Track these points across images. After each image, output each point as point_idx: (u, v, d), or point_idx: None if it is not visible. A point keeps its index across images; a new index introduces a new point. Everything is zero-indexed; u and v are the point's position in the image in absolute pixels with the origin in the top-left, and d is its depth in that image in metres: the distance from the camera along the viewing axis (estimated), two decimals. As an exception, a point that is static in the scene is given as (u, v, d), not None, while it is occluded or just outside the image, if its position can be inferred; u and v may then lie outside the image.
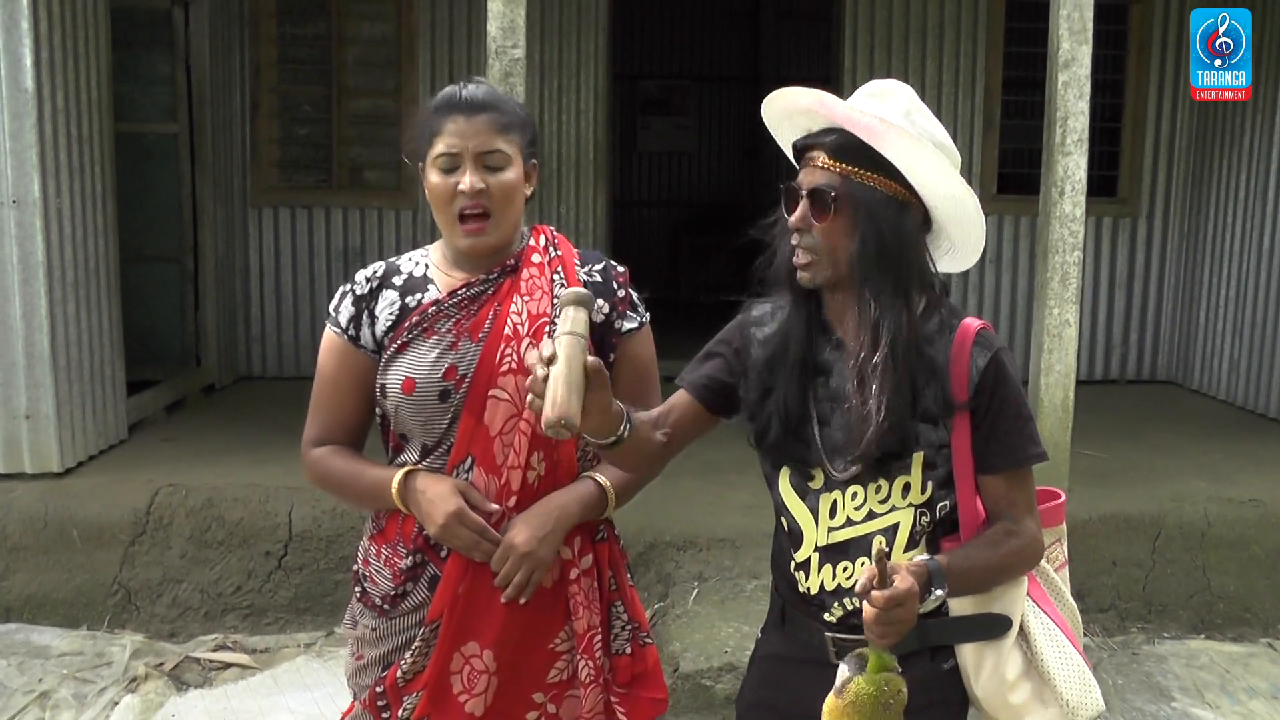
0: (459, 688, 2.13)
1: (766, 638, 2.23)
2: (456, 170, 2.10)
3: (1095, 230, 7.95)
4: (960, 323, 2.02)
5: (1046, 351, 5.09)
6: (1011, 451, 2.01)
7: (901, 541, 1.99)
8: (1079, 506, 5.09)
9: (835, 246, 1.95)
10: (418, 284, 2.19)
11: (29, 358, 5.20)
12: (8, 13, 5.02)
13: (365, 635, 2.22)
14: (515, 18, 4.66)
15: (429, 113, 2.15)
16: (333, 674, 4.40)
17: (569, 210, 7.97)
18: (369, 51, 7.89)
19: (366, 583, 2.22)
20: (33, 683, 4.30)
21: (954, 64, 7.85)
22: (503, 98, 2.19)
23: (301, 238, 7.89)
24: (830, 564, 2.03)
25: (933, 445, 1.99)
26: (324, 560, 4.92)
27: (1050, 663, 2.03)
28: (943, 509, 2.01)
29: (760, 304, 2.16)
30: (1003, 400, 1.99)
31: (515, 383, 2.09)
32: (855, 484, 2.01)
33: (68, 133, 5.39)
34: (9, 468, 5.22)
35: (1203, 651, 4.79)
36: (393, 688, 2.16)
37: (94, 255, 5.67)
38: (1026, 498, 2.04)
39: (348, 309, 2.19)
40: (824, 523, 2.03)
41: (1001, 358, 2.00)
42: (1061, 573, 2.19)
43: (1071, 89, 4.98)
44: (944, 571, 1.89)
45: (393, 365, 2.13)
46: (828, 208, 1.94)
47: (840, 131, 1.96)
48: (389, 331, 2.16)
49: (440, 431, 2.13)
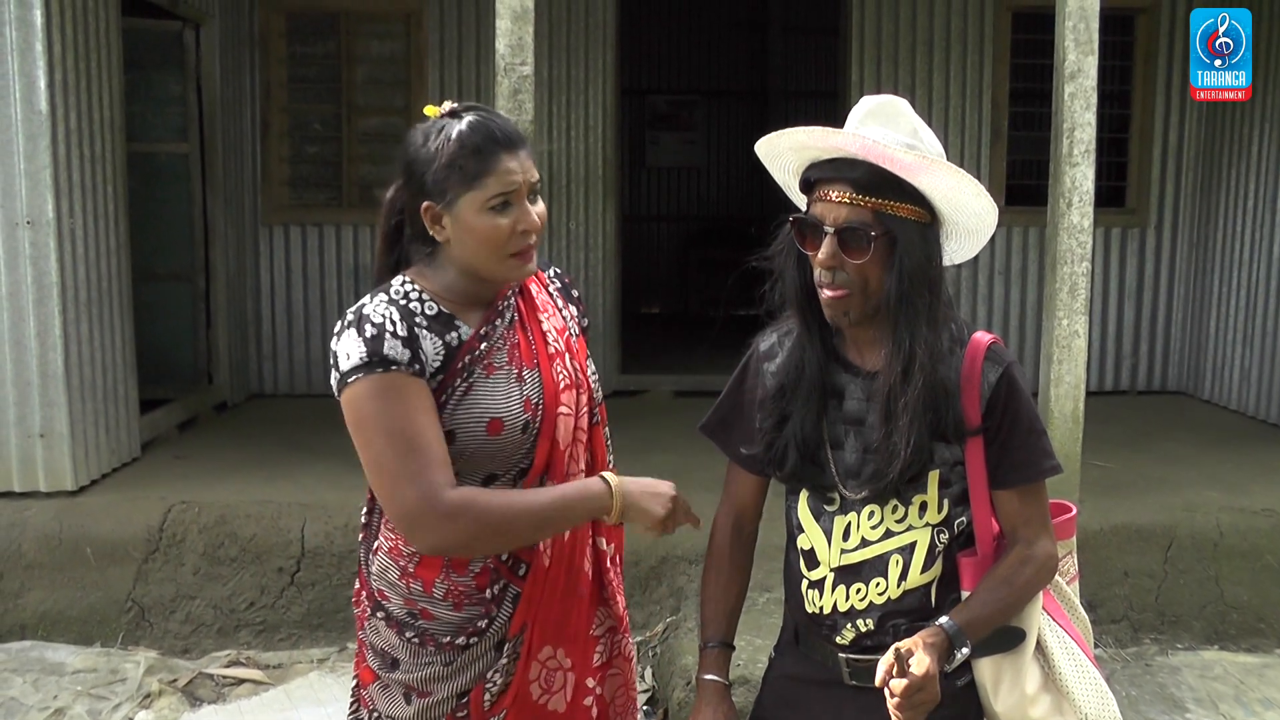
0: (538, 692, 2.13)
1: (781, 658, 2.24)
2: (510, 208, 2.00)
3: (1104, 241, 7.95)
4: (971, 337, 2.02)
5: (1056, 363, 5.08)
6: (1025, 466, 2.01)
7: (919, 561, 2.00)
8: (1090, 517, 5.08)
9: (870, 280, 1.94)
10: (444, 322, 2.05)
11: (43, 377, 5.23)
12: (22, 36, 5.07)
13: (435, 674, 2.09)
14: (524, 35, 4.68)
15: (463, 153, 1.99)
16: (345, 689, 4.39)
17: (578, 226, 7.99)
18: (378, 70, 7.94)
19: (421, 620, 2.08)
20: (48, 700, 4.31)
21: (961, 76, 7.87)
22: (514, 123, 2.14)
23: (312, 255, 7.92)
24: (844, 585, 2.04)
25: (948, 463, 1.99)
26: (336, 576, 4.94)
27: (1067, 676, 2.03)
28: (960, 525, 2.02)
29: (766, 337, 2.17)
30: (1015, 415, 1.99)
31: (572, 396, 2.12)
32: (872, 504, 2.02)
33: (81, 153, 5.43)
34: (24, 486, 5.26)
35: (1216, 662, 4.77)
36: (477, 708, 2.08)
37: (107, 274, 5.71)
38: (1040, 512, 2.04)
39: (398, 346, 1.96)
40: (836, 544, 2.04)
41: (1013, 372, 2.00)
42: (1073, 585, 2.19)
43: (1078, 100, 4.99)
44: (964, 630, 1.90)
45: (461, 408, 2.00)
46: (864, 245, 1.92)
47: (863, 164, 1.93)
48: (439, 373, 2.00)
49: (516, 460, 2.06)
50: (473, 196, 1.99)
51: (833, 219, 1.93)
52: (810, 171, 2.00)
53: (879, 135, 1.94)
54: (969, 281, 7.98)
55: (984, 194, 1.95)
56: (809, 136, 1.98)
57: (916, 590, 2.01)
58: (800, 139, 2.00)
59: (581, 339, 2.23)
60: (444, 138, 2.01)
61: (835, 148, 1.96)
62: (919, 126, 1.98)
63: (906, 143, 1.94)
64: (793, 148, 2.04)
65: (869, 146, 1.92)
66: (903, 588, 2.00)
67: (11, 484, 5.25)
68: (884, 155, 1.91)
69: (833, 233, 1.93)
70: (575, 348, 2.19)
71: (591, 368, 2.22)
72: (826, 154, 1.98)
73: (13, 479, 5.25)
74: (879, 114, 1.98)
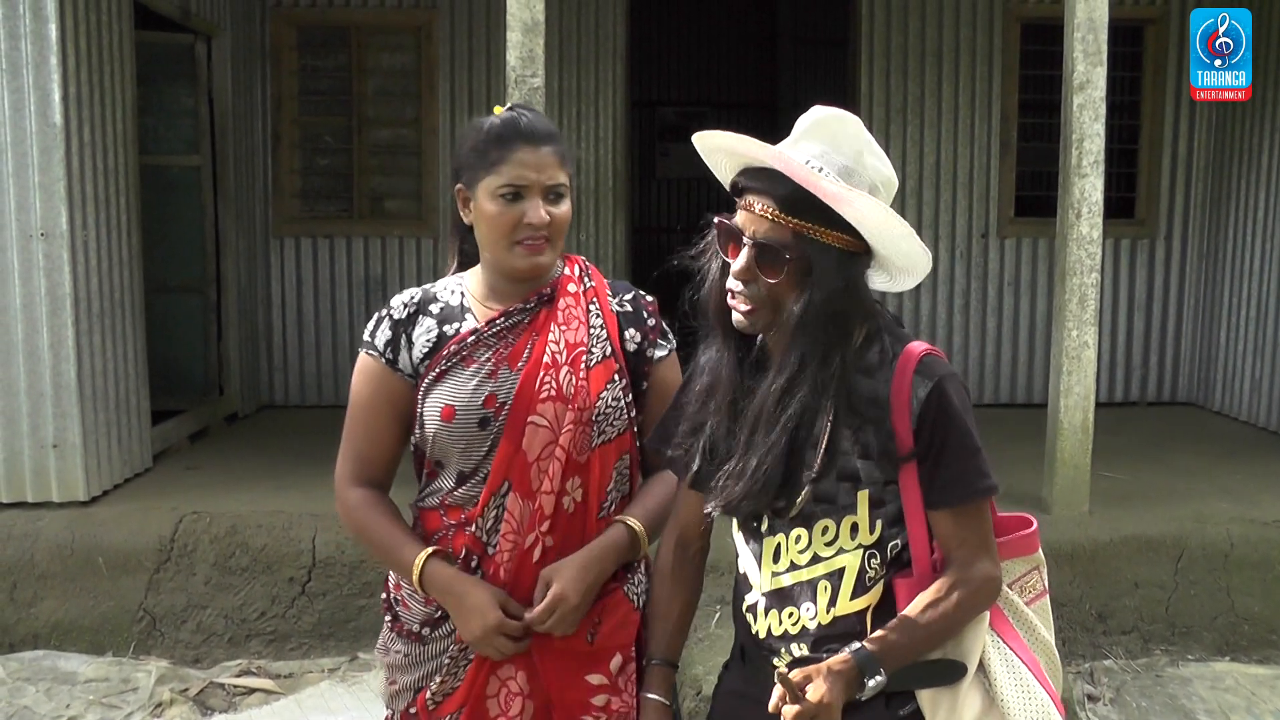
0: (495, 710, 2.15)
1: (729, 674, 2.18)
2: (520, 200, 2.10)
3: (1113, 252, 7.95)
4: (902, 350, 1.90)
5: (1066, 374, 5.09)
6: (958, 486, 1.87)
7: (847, 588, 1.90)
8: (1100, 528, 5.09)
9: (780, 300, 1.86)
10: (455, 313, 2.19)
11: (56, 388, 5.26)
12: (37, 50, 5.11)
13: (398, 661, 2.23)
14: (534, 47, 4.71)
15: (487, 140, 2.12)
16: (356, 699, 4.42)
17: (589, 237, 8.02)
18: (389, 82, 7.98)
19: (399, 608, 2.24)
20: (60, 709, 4.33)
21: (970, 88, 7.88)
22: (555, 127, 2.19)
23: (323, 267, 7.96)
24: (775, 609, 1.96)
25: (878, 482, 1.88)
26: (347, 586, 4.95)
27: (1011, 703, 1.90)
28: (894, 549, 1.91)
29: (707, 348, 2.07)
30: (946, 432, 1.86)
31: (554, 410, 2.11)
32: (799, 526, 1.92)
33: (94, 166, 5.46)
34: (37, 496, 5.28)
35: (1228, 674, 4.75)
36: (423, 710, 2.18)
37: (119, 286, 5.74)
38: (979, 533, 1.91)
39: (385, 333, 2.19)
40: (767, 566, 1.97)
41: (944, 386, 1.87)
42: (1039, 604, 2.06)
43: (1087, 111, 5.00)
44: (876, 657, 1.82)
45: (431, 393, 2.13)
46: (779, 265, 1.84)
47: (793, 181, 1.83)
48: (425, 359, 2.16)
49: (478, 458, 2.13)
50: (488, 181, 2.11)
51: (752, 231, 1.86)
52: (740, 178, 1.92)
53: (813, 153, 1.87)
54: (978, 293, 7.98)
55: (913, 236, 1.86)
56: (738, 143, 1.90)
57: (849, 616, 1.91)
58: (728, 143, 1.92)
59: (609, 363, 2.19)
60: (477, 127, 2.15)
61: (761, 160, 1.88)
62: (866, 149, 1.90)
63: (844, 164, 1.87)
64: (723, 149, 1.95)
65: (793, 168, 1.83)
66: (832, 614, 1.91)
67: (25, 494, 5.27)
68: (806, 180, 1.82)
69: (750, 245, 1.86)
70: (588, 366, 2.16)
71: (615, 394, 2.18)
72: (757, 163, 1.89)
73: (26, 489, 5.27)
74: (822, 129, 1.90)
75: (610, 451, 2.18)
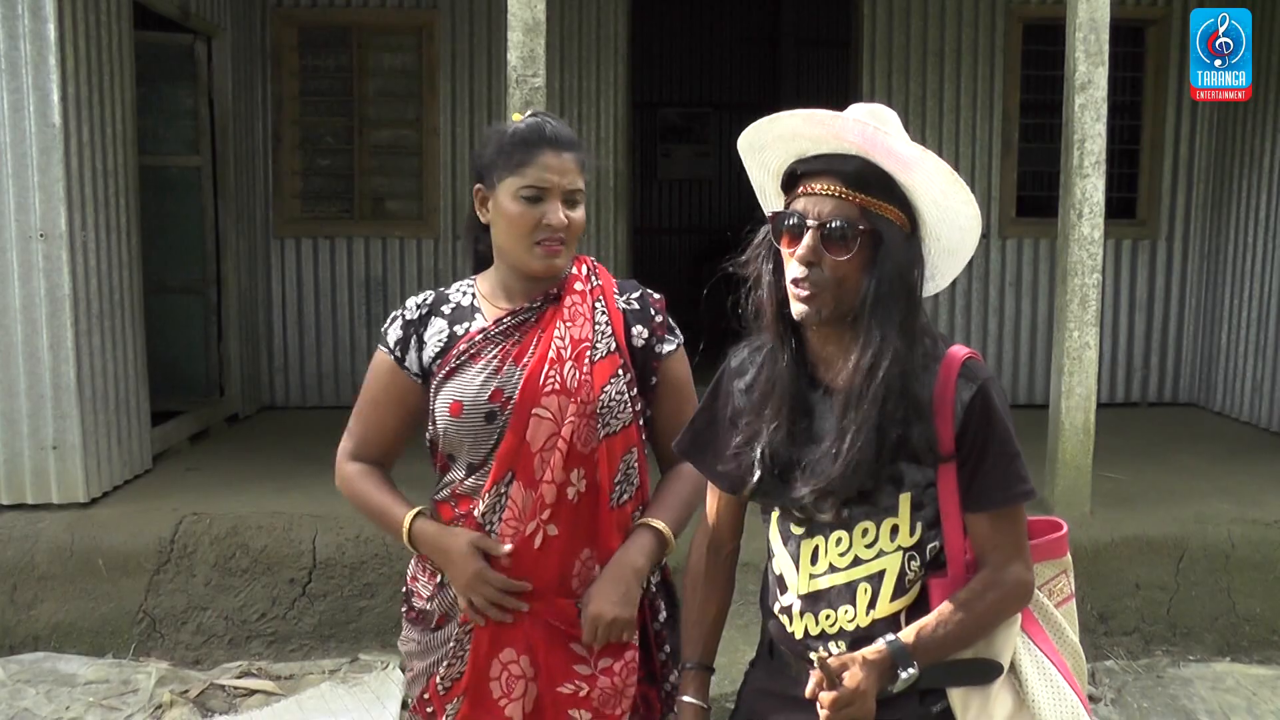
0: (498, 693, 2.22)
1: (755, 671, 2.19)
2: (540, 202, 2.18)
3: (1115, 252, 7.94)
4: (946, 352, 1.91)
5: (1067, 374, 5.08)
6: (997, 490, 1.90)
7: (887, 590, 1.92)
8: (1101, 529, 5.08)
9: (846, 282, 1.85)
10: (465, 313, 2.28)
11: (56, 389, 5.25)
12: (36, 50, 5.10)
13: (412, 649, 2.34)
14: (535, 47, 4.70)
15: (513, 142, 2.21)
16: (357, 700, 4.42)
17: (590, 238, 7.99)
18: (390, 83, 7.98)
19: (413, 598, 2.35)
20: (60, 711, 4.33)
21: (972, 88, 7.88)
22: (576, 135, 2.29)
23: (324, 268, 7.95)
24: (812, 612, 1.96)
25: (919, 485, 1.90)
26: (348, 587, 4.95)
27: (1043, 704, 1.93)
28: (933, 549, 1.93)
29: (738, 352, 2.09)
30: (988, 436, 1.88)
31: (557, 402, 2.18)
32: (840, 529, 1.93)
33: (94, 166, 5.46)
34: (37, 498, 5.27)
35: (1228, 674, 4.75)
36: (435, 695, 2.27)
37: (119, 287, 5.73)
38: (1014, 538, 1.93)
39: (397, 332, 2.30)
40: (805, 569, 1.97)
41: (988, 389, 1.89)
42: (1066, 607, 2.07)
43: (1088, 111, 5.00)
44: (909, 650, 1.84)
45: (442, 390, 2.22)
46: (848, 243, 1.83)
47: (858, 158, 1.85)
48: (437, 358, 2.25)
49: (486, 451, 2.21)
50: (511, 181, 2.19)
51: (817, 213, 1.85)
52: (797, 165, 1.92)
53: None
54: (979, 294, 7.97)
55: (973, 203, 1.87)
56: (806, 122, 1.89)
57: (887, 618, 1.92)
58: (795, 125, 1.91)
59: (613, 357, 2.25)
60: (501, 130, 2.24)
61: (833, 135, 1.87)
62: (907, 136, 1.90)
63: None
64: (783, 137, 1.94)
65: (869, 134, 1.84)
66: (871, 616, 1.92)
67: (24, 496, 5.26)
68: (884, 144, 1.83)
69: (816, 226, 1.84)
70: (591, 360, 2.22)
71: (619, 388, 2.24)
72: (817, 147, 1.89)
73: (25, 491, 5.27)
74: (870, 115, 1.91)
75: (617, 444, 2.24)
